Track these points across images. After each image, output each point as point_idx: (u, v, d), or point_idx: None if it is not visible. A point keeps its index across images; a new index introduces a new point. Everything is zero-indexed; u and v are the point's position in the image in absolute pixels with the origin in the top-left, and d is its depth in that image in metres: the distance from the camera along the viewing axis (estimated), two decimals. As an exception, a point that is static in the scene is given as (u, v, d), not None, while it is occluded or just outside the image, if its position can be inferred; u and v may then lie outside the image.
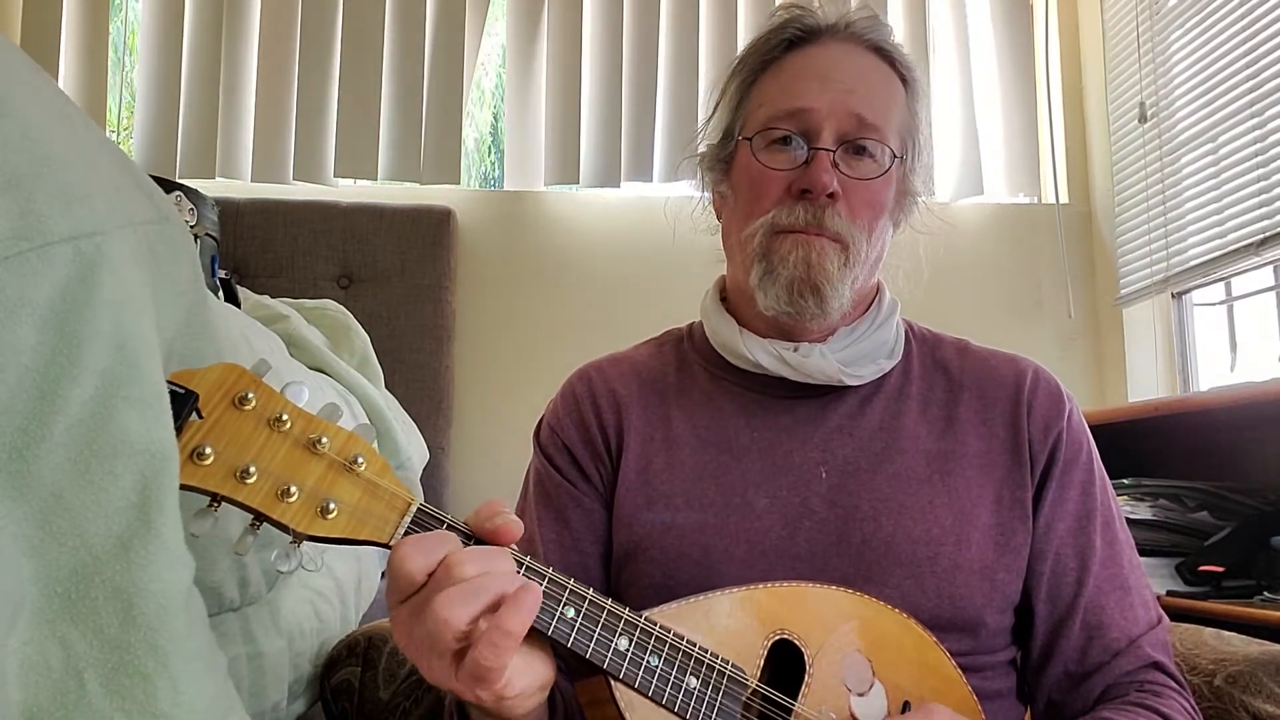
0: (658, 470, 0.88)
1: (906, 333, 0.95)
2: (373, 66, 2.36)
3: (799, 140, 0.86)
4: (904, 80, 0.91)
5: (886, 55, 0.90)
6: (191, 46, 2.33)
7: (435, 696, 0.98)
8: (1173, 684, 0.83)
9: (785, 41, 0.90)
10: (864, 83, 0.87)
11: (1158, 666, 0.84)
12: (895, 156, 0.87)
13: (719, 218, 0.97)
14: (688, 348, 0.98)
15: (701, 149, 0.97)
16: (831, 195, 0.84)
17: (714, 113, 0.96)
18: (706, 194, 0.99)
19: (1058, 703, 0.86)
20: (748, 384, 0.91)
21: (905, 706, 0.74)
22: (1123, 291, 2.34)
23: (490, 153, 4.07)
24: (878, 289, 0.95)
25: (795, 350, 0.88)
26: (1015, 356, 0.94)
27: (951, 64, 2.50)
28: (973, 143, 2.46)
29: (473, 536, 0.62)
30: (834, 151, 0.85)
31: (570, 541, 0.89)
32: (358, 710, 1.00)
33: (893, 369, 0.91)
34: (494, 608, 0.58)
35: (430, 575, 0.58)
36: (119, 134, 2.70)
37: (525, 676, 0.61)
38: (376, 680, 0.99)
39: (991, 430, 0.88)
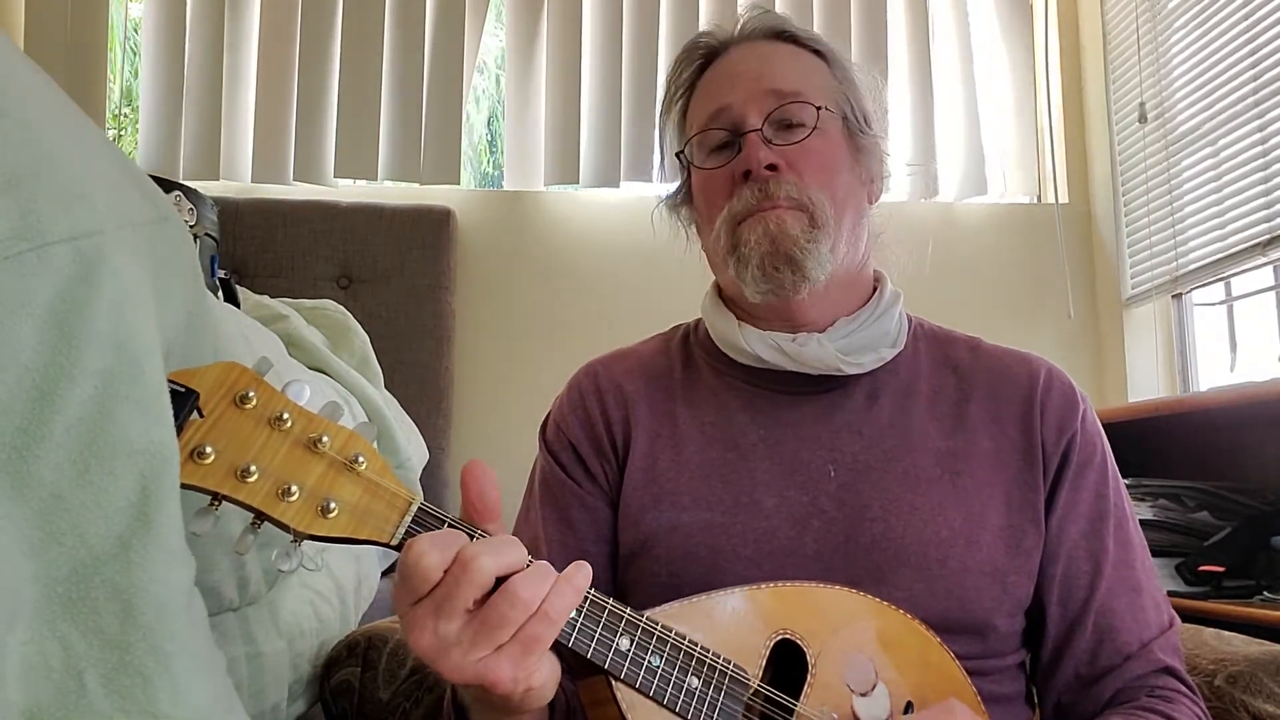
0: (664, 468, 0.88)
1: (916, 329, 0.95)
2: (373, 67, 2.36)
3: (729, 135, 0.89)
4: (818, 54, 0.93)
5: (789, 37, 0.93)
6: (192, 48, 2.33)
7: (435, 697, 0.97)
8: (1184, 689, 0.82)
9: (698, 66, 0.95)
10: (771, 65, 0.90)
11: (1169, 671, 0.83)
12: (820, 109, 0.88)
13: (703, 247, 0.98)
14: (693, 343, 0.98)
15: (665, 193, 1.00)
16: (773, 168, 0.85)
17: (664, 158, 0.99)
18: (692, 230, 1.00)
19: (1067, 705, 0.85)
20: (752, 379, 0.91)
21: (908, 707, 0.74)
22: (1131, 293, 2.33)
23: (488, 154, 4.06)
24: (878, 280, 0.94)
25: (793, 340, 0.87)
26: (1029, 356, 0.93)
27: (952, 64, 2.50)
28: (975, 142, 2.46)
29: (474, 534, 0.62)
30: (760, 130, 0.87)
31: (574, 542, 0.89)
32: (357, 711, 1.00)
33: (899, 365, 0.91)
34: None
35: (447, 571, 0.58)
36: (120, 135, 2.70)
37: (547, 664, 0.62)
38: (376, 680, 0.99)
39: (1003, 430, 0.87)
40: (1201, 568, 1.56)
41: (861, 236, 0.92)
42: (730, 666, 0.68)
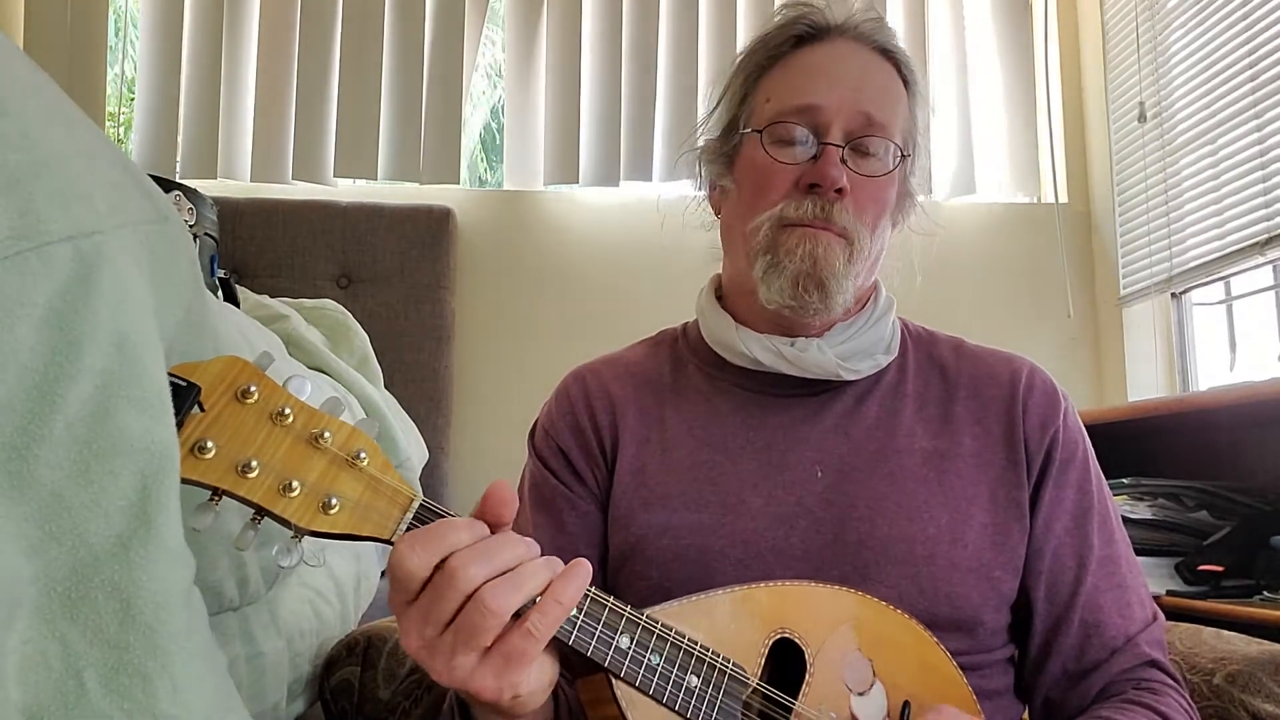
0: (653, 471, 0.88)
1: (902, 330, 0.95)
2: (372, 67, 2.36)
3: (808, 135, 0.86)
4: (906, 83, 0.91)
5: (891, 57, 0.91)
6: (191, 46, 2.33)
7: (435, 696, 0.97)
8: (1170, 681, 0.84)
9: (794, 38, 0.90)
10: (871, 82, 0.88)
11: (1155, 664, 0.84)
12: (902, 155, 0.88)
13: (717, 213, 0.97)
14: (682, 347, 0.98)
15: (702, 142, 0.97)
16: (840, 190, 0.84)
17: (716, 106, 0.96)
18: (702, 192, 0.98)
19: (1055, 701, 0.86)
20: (743, 382, 0.91)
21: (905, 706, 0.74)
22: (1125, 291, 2.34)
23: (483, 157, 4.06)
24: (874, 286, 0.95)
25: (792, 345, 0.87)
26: (1011, 355, 0.94)
27: (950, 63, 2.50)
28: (966, 141, 2.46)
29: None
30: (842, 148, 0.85)
31: (565, 544, 0.89)
32: (357, 710, 1.00)
33: (888, 367, 0.91)
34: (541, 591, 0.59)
35: (438, 570, 0.58)
36: (119, 134, 2.70)
37: (536, 672, 0.61)
38: (376, 680, 0.99)
39: (987, 429, 0.88)
40: (1201, 567, 1.56)
41: (878, 266, 0.92)
42: (729, 665, 0.68)
